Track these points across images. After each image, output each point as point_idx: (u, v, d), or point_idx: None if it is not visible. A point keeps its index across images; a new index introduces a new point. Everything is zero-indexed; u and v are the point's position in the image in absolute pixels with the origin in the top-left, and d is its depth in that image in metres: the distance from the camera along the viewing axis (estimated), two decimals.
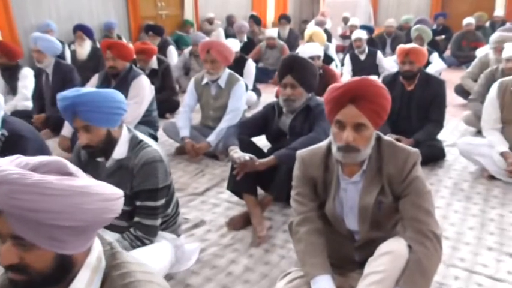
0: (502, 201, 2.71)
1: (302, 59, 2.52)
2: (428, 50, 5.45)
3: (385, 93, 1.57)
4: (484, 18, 8.37)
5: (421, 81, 3.38)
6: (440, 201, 2.72)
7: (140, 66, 4.64)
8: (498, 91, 3.07)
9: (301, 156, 1.77)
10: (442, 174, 3.13)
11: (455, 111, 4.83)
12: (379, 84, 1.57)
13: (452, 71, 7.19)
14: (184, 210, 2.65)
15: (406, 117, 3.45)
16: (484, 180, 3.03)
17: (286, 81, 2.51)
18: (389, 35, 7.56)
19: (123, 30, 8.33)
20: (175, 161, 3.47)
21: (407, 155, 1.63)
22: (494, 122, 3.09)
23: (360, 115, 1.53)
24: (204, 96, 3.60)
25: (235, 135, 2.51)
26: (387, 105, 1.58)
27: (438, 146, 3.28)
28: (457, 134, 4.07)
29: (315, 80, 2.55)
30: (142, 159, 1.81)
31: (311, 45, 3.79)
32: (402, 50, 3.31)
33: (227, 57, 3.45)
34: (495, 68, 4.01)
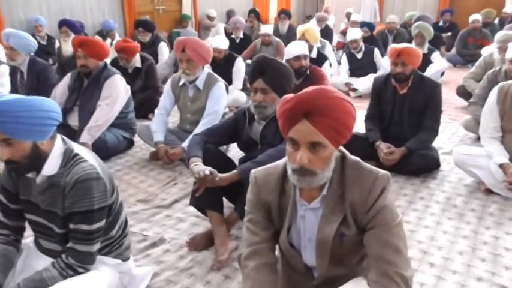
0: (498, 220, 2.44)
1: (274, 61, 2.27)
2: (430, 48, 5.16)
3: (346, 106, 1.31)
4: (492, 14, 7.99)
5: (415, 84, 3.10)
6: (430, 220, 2.45)
7: (123, 65, 4.43)
8: (498, 96, 2.78)
9: (255, 177, 1.52)
10: (435, 187, 2.86)
11: (456, 114, 4.54)
12: (339, 96, 1.31)
13: (458, 70, 6.88)
14: (145, 225, 2.42)
15: (398, 122, 3.17)
16: (480, 194, 2.75)
17: (256, 86, 2.26)
18: (391, 32, 7.24)
19: (118, 26, 8.10)
20: (147, 168, 3.24)
21: (373, 179, 1.37)
22: (493, 131, 2.80)
23: (315, 132, 1.28)
24: (181, 98, 3.36)
25: (200, 144, 2.27)
26: (349, 121, 1.32)
27: (432, 156, 3.00)
28: (455, 140, 3.78)
29: (290, 84, 2.30)
30: (74, 176, 1.57)
31: (297, 43, 3.52)
32: (393, 50, 3.03)
33: (204, 56, 3.20)
34: (498, 69, 3.72)
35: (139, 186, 2.93)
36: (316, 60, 4.56)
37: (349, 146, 3.24)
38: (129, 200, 2.73)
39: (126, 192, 2.83)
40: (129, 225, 2.40)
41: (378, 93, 3.25)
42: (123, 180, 3.03)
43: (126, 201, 2.71)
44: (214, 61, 4.82)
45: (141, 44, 6.16)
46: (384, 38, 7.30)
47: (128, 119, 3.56)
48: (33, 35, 6.32)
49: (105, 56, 3.44)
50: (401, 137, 3.12)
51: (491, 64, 4.50)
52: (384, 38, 7.30)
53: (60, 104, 3.45)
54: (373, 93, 3.29)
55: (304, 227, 1.45)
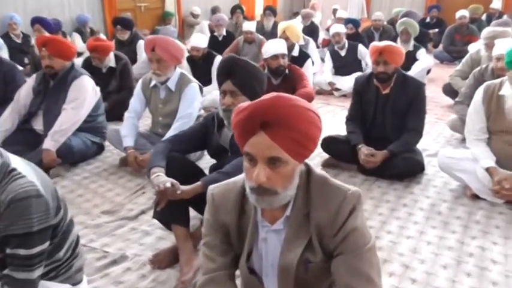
0: (485, 229, 2.29)
1: (244, 62, 2.09)
2: (415, 45, 5.02)
3: (309, 115, 1.14)
4: (479, 10, 7.90)
5: (398, 84, 2.95)
6: (413, 229, 2.30)
7: (96, 65, 4.23)
8: (484, 96, 2.64)
9: (212, 194, 1.35)
10: (419, 193, 2.71)
11: (443, 113, 4.41)
12: (301, 104, 1.15)
13: (444, 67, 6.76)
14: (107, 240, 2.24)
15: (381, 124, 3.02)
16: (466, 200, 2.61)
17: (225, 88, 2.09)
18: (377, 29, 7.10)
19: (98, 23, 7.87)
20: (117, 175, 3.05)
21: (342, 197, 1.21)
22: (479, 132, 2.66)
23: (273, 146, 1.11)
24: (152, 100, 3.17)
25: (164, 152, 2.08)
26: (313, 132, 1.15)
27: (415, 159, 2.85)
28: (441, 141, 3.65)
29: (261, 86, 2.13)
30: (9, 195, 1.38)
31: (275, 42, 3.34)
32: (375, 49, 2.87)
33: (175, 56, 3.01)
34: (484, 67, 3.58)
35: (106, 195, 2.75)
36: (298, 59, 4.39)
37: (330, 149, 3.09)
38: (93, 211, 2.54)
39: (91, 203, 2.64)
40: (90, 240, 2.25)
41: (360, 93, 3.09)
42: (89, 189, 2.84)
43: (90, 212, 2.52)
44: (192, 60, 4.67)
45: (120, 42, 5.98)
46: (370, 36, 7.14)
47: (98, 123, 3.36)
48: (7, 34, 6.11)
49: (72, 55, 3.23)
50: (384, 139, 2.97)
51: (478, 61, 4.37)
52: (369, 35, 7.15)
53: (24, 107, 3.26)
54: (354, 93, 3.14)
55: (267, 251, 1.29)
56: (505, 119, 2.56)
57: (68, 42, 3.28)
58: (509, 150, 2.57)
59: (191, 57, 4.64)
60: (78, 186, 2.88)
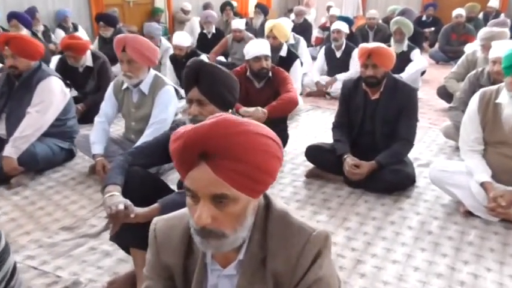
0: (478, 252, 2.09)
1: (212, 67, 1.87)
2: (409, 45, 4.81)
3: (262, 143, 0.92)
4: (476, 9, 7.69)
5: (388, 89, 2.74)
6: (399, 252, 2.09)
7: (71, 64, 4.00)
8: (479, 104, 2.43)
9: (154, 229, 1.14)
10: (408, 208, 2.50)
11: (437, 118, 4.20)
12: (253, 129, 0.93)
13: (440, 67, 6.56)
14: (62, 262, 2.02)
15: (370, 132, 2.81)
16: (459, 217, 2.41)
17: (191, 96, 1.87)
18: (371, 28, 6.88)
19: (84, 19, 7.61)
20: (84, 184, 2.83)
21: (304, 241, 1.00)
22: (474, 143, 2.46)
23: (218, 182, 0.90)
24: (124, 103, 2.95)
25: (122, 167, 1.86)
26: (268, 163, 0.94)
27: (405, 172, 2.63)
28: (434, 149, 3.44)
29: (233, 94, 1.91)
30: None
31: (257, 42, 3.12)
32: (363, 51, 2.66)
33: (148, 56, 2.78)
34: (480, 71, 3.37)
35: (69, 208, 2.53)
36: (286, 59, 4.18)
37: (314, 158, 2.87)
38: (52, 227, 2.32)
39: (51, 217, 2.42)
40: (43, 262, 2.02)
41: (347, 98, 2.88)
42: (51, 201, 2.62)
43: (48, 228, 2.31)
44: (176, 59, 4.44)
45: (104, 39, 5.75)
46: (364, 34, 6.93)
47: (67, 127, 3.13)
48: None
49: (38, 55, 3.00)
50: (373, 148, 2.76)
51: (474, 63, 4.16)
52: (364, 34, 6.93)
53: None
54: (341, 98, 2.93)
55: None
56: (502, 130, 2.36)
57: (34, 41, 3.04)
58: (506, 163, 2.36)
59: (174, 56, 4.42)
60: (40, 197, 2.66)
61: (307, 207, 2.51)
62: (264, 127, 0.97)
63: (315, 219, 2.37)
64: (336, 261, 2.00)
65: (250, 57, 3.04)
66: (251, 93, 3.13)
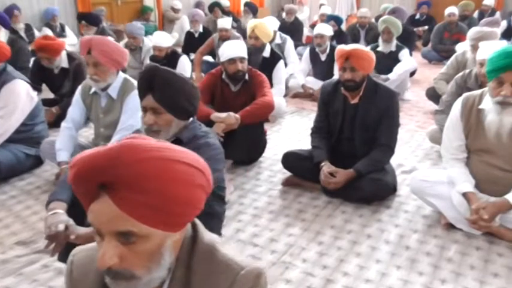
0: (457, 269, 1.96)
1: (168, 73, 1.74)
2: (398, 45, 4.66)
3: (175, 170, 0.79)
4: (470, 7, 7.54)
5: (368, 93, 2.60)
6: (373, 270, 1.96)
7: (46, 65, 3.86)
8: (462, 109, 2.29)
9: (72, 262, 1.00)
10: (387, 220, 2.37)
11: (425, 121, 4.06)
12: (164, 154, 0.79)
13: (433, 67, 6.41)
14: (11, 281, 1.88)
15: (350, 138, 2.67)
16: (439, 230, 2.27)
17: (145, 104, 1.74)
18: (362, 27, 6.73)
19: (70, 18, 7.46)
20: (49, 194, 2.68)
21: (231, 280, 0.87)
22: (457, 151, 2.32)
23: (122, 217, 0.76)
24: (93, 108, 2.80)
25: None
26: (184, 193, 0.80)
27: (384, 182, 2.49)
28: (419, 154, 3.30)
29: (192, 102, 1.77)
30: None
31: (232, 43, 2.96)
32: (341, 53, 2.52)
33: (116, 59, 2.64)
34: (468, 73, 3.23)
35: (29, 220, 2.39)
36: (269, 60, 4.05)
37: (291, 166, 2.74)
38: (7, 241, 2.18)
39: (8, 230, 2.29)
40: None
41: (326, 102, 2.74)
42: (12, 212, 2.48)
43: (3, 243, 2.17)
44: (155, 60, 4.29)
45: None
46: (356, 33, 6.77)
47: (34, 132, 2.99)
48: None
49: (3, 57, 2.86)
50: (353, 156, 2.62)
51: (464, 64, 4.03)
52: (355, 33, 6.78)
53: None
54: (320, 102, 2.79)
55: None
56: (485, 137, 2.22)
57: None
58: (489, 172, 2.23)
59: (154, 57, 4.27)
60: (1, 208, 2.52)
61: (281, 219, 2.37)
62: (184, 152, 0.84)
63: (287, 233, 2.24)
64: (304, 281, 1.87)
65: (224, 59, 2.89)
66: (227, 97, 2.99)
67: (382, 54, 4.67)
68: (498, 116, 2.13)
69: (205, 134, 1.79)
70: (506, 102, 2.08)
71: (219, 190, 1.90)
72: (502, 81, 2.08)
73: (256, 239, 2.18)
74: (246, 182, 2.82)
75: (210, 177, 0.90)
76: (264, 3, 11.68)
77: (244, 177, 2.90)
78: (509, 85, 2.05)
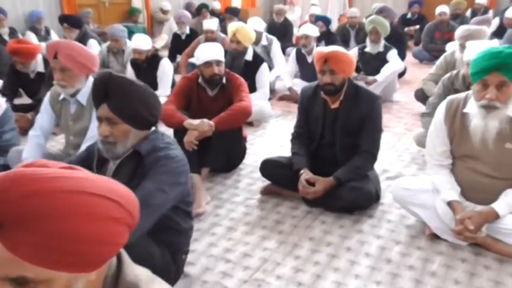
0: (441, 285, 1.83)
1: (123, 80, 1.61)
2: (386, 46, 4.55)
3: (76, 202, 0.67)
4: (462, 6, 7.45)
5: (349, 97, 2.48)
6: (351, 286, 1.83)
7: (21, 70, 3.73)
8: (446, 113, 2.17)
9: None
10: (369, 231, 2.25)
11: (413, 123, 3.94)
12: (62, 185, 0.66)
13: (424, 67, 6.31)
14: None
15: (331, 144, 2.55)
16: (423, 241, 2.15)
17: (100, 114, 1.61)
18: (352, 27, 6.62)
19: (55, 21, 7.25)
20: None
21: None
22: (442, 157, 2.20)
23: (13, 261, 0.64)
24: (62, 115, 2.67)
25: None
26: (91, 229, 0.68)
27: (365, 190, 2.36)
28: (406, 159, 3.18)
29: (151, 111, 1.64)
30: None
31: (208, 46, 2.83)
32: (319, 55, 2.39)
33: (84, 64, 2.50)
34: (455, 74, 3.12)
35: None
36: (252, 64, 3.93)
37: (269, 174, 2.61)
38: None
39: None
40: None
41: (306, 107, 2.62)
42: None
43: None
44: (136, 64, 4.17)
45: None
46: (346, 34, 6.67)
47: (3, 141, 2.85)
48: None
49: None
50: (335, 163, 2.50)
51: (453, 64, 3.93)
52: (345, 33, 6.67)
53: None
54: (300, 107, 2.66)
55: None
56: (470, 142, 2.10)
57: None
58: (475, 179, 2.11)
59: (134, 60, 4.14)
60: None
61: (257, 232, 2.24)
62: (95, 180, 0.71)
63: (262, 247, 2.11)
64: None
65: (200, 62, 2.76)
66: (204, 101, 2.86)
67: (370, 55, 4.57)
68: (483, 121, 2.02)
69: (166, 146, 1.66)
70: (491, 106, 1.96)
71: (184, 205, 1.77)
72: (486, 83, 1.96)
73: (229, 254, 2.05)
74: (224, 191, 2.70)
75: (134, 206, 0.78)
76: (256, 3, 11.57)
77: (223, 185, 2.77)
78: (494, 88, 1.94)
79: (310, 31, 4.57)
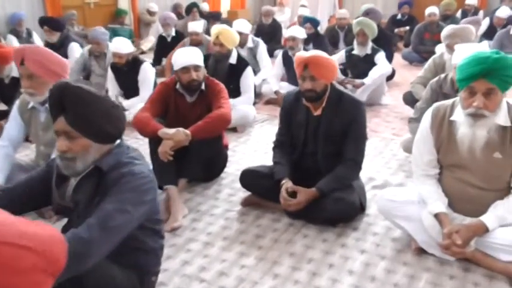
0: None
1: (81, 91, 1.48)
2: (374, 48, 4.45)
3: None
4: (452, 6, 7.37)
5: (331, 104, 2.37)
6: None
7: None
8: (432, 121, 2.07)
9: None
10: (352, 245, 2.13)
11: (401, 127, 3.84)
12: None
13: (413, 68, 6.22)
14: None
15: (314, 152, 2.44)
16: (410, 255, 2.05)
17: (57, 128, 1.49)
18: (341, 28, 6.52)
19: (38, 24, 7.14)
20: None
21: None
22: (428, 166, 2.10)
23: None
24: (32, 124, 2.54)
25: None
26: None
27: (349, 201, 2.24)
28: (393, 166, 3.07)
29: (113, 122, 1.52)
30: None
31: (186, 51, 2.70)
32: (299, 60, 2.28)
33: (53, 70, 2.37)
34: (443, 77, 3.03)
35: None
36: (236, 67, 3.81)
37: (250, 185, 2.49)
38: None
39: None
40: None
41: (289, 114, 2.51)
42: None
43: None
44: (116, 68, 4.04)
45: (50, 45, 5.31)
46: (334, 35, 6.58)
47: None
48: None
49: None
50: (319, 172, 2.39)
51: (442, 66, 3.84)
52: (334, 34, 6.58)
53: None
54: (282, 114, 2.55)
55: None
56: (457, 151, 1.99)
57: None
58: (463, 190, 2.01)
59: (114, 64, 4.01)
60: None
61: (235, 247, 2.12)
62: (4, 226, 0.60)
63: (239, 264, 1.99)
64: None
65: (177, 67, 2.64)
66: (181, 108, 2.73)
67: (358, 58, 4.47)
68: (471, 129, 1.91)
69: (130, 161, 1.54)
70: (478, 114, 1.86)
71: (153, 224, 1.65)
72: (473, 90, 1.85)
73: (204, 273, 1.93)
74: (203, 202, 2.57)
75: (54, 250, 0.66)
76: (246, 5, 11.45)
77: (202, 196, 2.65)
78: (481, 95, 1.83)
79: (297, 33, 4.46)
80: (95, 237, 1.34)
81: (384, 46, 4.80)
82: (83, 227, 1.37)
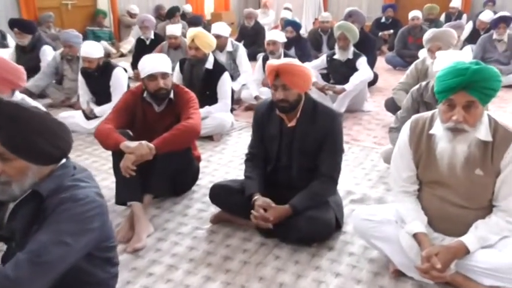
0: None
1: (15, 107, 1.32)
2: (355, 53, 4.33)
3: None
4: (435, 10, 7.33)
5: (306, 115, 2.23)
6: None
7: None
8: (410, 135, 1.95)
9: None
10: (327, 268, 1.99)
11: (383, 135, 3.72)
12: None
13: (397, 73, 6.15)
14: None
15: (288, 166, 2.30)
16: (387, 279, 1.92)
17: None
18: (324, 32, 6.41)
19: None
20: None
21: None
22: (407, 182, 1.97)
23: None
24: None
25: None
26: None
27: (323, 220, 2.10)
28: (373, 177, 2.95)
29: (53, 142, 1.36)
30: None
31: (152, 58, 2.52)
32: (270, 68, 2.13)
33: (7, 78, 2.23)
34: (424, 85, 2.91)
35: None
36: (212, 72, 3.65)
37: (219, 201, 2.33)
38: None
39: None
40: None
41: (261, 125, 2.36)
42: None
43: None
44: (86, 73, 3.85)
45: (20, 48, 5.12)
46: (317, 39, 6.47)
47: None
48: None
49: None
50: (293, 187, 2.25)
51: (424, 72, 3.73)
52: (317, 38, 6.47)
53: None
54: (254, 125, 2.40)
55: None
56: (437, 167, 1.87)
57: None
58: (443, 208, 1.88)
59: (84, 69, 3.82)
60: None
61: (200, 271, 1.97)
62: None
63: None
64: None
65: (144, 75, 2.48)
66: (149, 118, 2.57)
67: (339, 63, 4.35)
68: (450, 144, 1.79)
69: (75, 184, 1.38)
70: (458, 128, 1.73)
71: (103, 252, 1.49)
72: (453, 103, 1.73)
73: None
74: (171, 219, 2.41)
75: None
76: (230, 7, 11.31)
77: (170, 212, 2.49)
78: (461, 109, 1.71)
79: (277, 37, 4.34)
80: (23, 275, 1.18)
81: (367, 50, 4.70)
82: (11, 263, 1.21)
